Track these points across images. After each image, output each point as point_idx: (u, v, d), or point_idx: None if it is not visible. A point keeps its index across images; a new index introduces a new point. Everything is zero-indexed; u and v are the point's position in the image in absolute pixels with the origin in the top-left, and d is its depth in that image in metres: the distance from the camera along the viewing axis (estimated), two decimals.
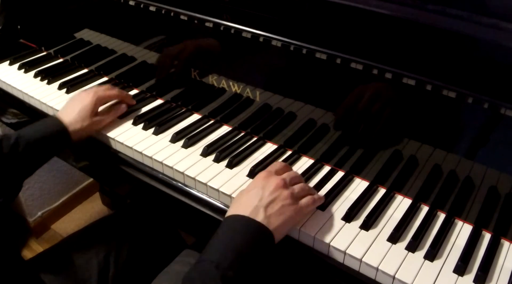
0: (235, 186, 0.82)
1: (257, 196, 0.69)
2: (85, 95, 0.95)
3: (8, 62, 1.23)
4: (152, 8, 0.97)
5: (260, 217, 0.67)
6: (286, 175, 0.75)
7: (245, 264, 0.63)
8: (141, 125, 0.98)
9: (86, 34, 1.17)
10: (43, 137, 0.86)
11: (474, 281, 0.67)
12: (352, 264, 0.70)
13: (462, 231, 0.75)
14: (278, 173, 0.76)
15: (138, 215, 1.03)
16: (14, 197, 0.86)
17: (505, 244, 0.73)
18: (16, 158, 0.83)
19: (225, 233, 0.66)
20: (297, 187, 0.74)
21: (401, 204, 0.80)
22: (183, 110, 1.03)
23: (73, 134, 0.89)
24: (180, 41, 0.98)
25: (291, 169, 0.80)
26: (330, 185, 0.83)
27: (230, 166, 0.86)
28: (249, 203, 0.69)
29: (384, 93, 0.76)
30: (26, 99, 1.11)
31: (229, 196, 0.80)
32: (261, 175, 0.74)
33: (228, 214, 0.70)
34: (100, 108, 0.97)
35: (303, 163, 0.89)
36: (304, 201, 0.73)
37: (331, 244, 0.71)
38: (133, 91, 1.11)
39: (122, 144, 0.93)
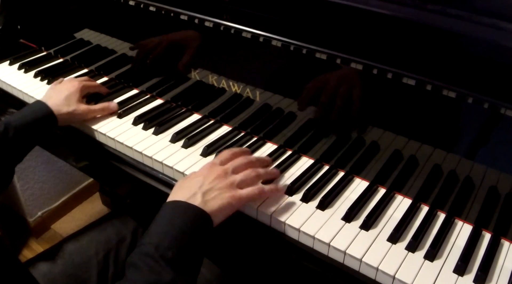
0: None
1: (197, 184, 0.72)
2: (71, 84, 1.00)
3: (8, 62, 1.23)
4: (152, 8, 0.97)
5: (197, 202, 0.69)
6: (229, 165, 0.77)
7: (184, 245, 0.64)
8: (141, 125, 0.98)
9: (86, 34, 1.17)
10: (31, 122, 0.89)
11: (474, 281, 0.67)
12: (352, 264, 0.70)
13: (462, 231, 0.75)
14: (223, 163, 0.78)
15: (138, 215, 1.03)
16: (7, 183, 0.89)
17: (505, 244, 0.73)
18: (7, 145, 0.86)
19: (163, 217, 0.68)
20: (239, 176, 0.75)
21: (401, 204, 0.80)
22: (183, 110, 1.03)
23: (59, 117, 0.93)
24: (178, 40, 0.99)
25: (244, 155, 0.82)
26: (330, 185, 0.83)
27: None
28: (189, 190, 0.71)
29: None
30: (26, 99, 1.11)
31: None
32: (206, 165, 0.78)
33: (168, 200, 0.71)
34: (95, 107, 1.01)
35: (303, 163, 0.89)
36: (246, 190, 0.74)
37: (331, 244, 0.71)
38: (133, 91, 1.11)
39: (122, 143, 0.93)
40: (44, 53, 1.28)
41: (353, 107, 0.81)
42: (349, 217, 0.76)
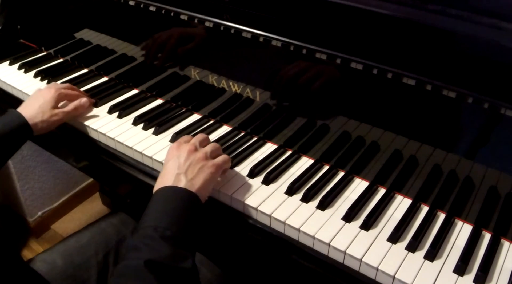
0: (235, 186, 0.82)
1: (175, 166, 0.75)
2: (47, 91, 0.98)
3: (8, 62, 1.23)
4: (152, 8, 0.97)
5: (183, 183, 0.73)
6: (194, 140, 0.81)
7: (180, 224, 0.68)
8: (141, 125, 0.98)
9: (86, 34, 1.17)
10: (6, 133, 0.89)
11: (474, 281, 0.67)
12: (352, 264, 0.70)
13: (462, 231, 0.75)
14: (187, 141, 0.82)
15: (138, 215, 1.03)
16: None
17: (505, 244, 0.73)
18: None
19: (156, 203, 0.71)
20: (208, 147, 0.80)
21: (401, 204, 0.80)
22: (183, 110, 1.03)
23: (34, 127, 0.92)
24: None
25: (199, 137, 0.85)
26: (330, 185, 0.83)
27: (231, 166, 0.86)
28: (170, 174, 0.74)
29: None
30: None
31: (229, 196, 0.80)
32: (172, 147, 0.80)
33: (155, 189, 0.74)
34: (61, 104, 1.00)
35: (303, 163, 0.89)
36: (219, 158, 0.79)
37: (331, 244, 0.71)
38: (133, 91, 1.11)
39: (122, 143, 0.93)
40: (44, 53, 1.28)
41: (351, 106, 0.81)
42: (349, 217, 0.76)
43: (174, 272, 0.64)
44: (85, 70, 1.20)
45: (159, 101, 1.07)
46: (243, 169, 0.86)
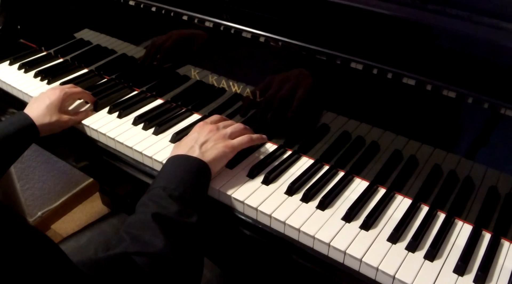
0: (235, 186, 0.82)
1: (193, 139, 0.82)
2: (53, 92, 0.98)
3: (8, 62, 1.23)
4: (152, 8, 0.97)
5: (196, 153, 0.79)
6: (220, 123, 0.88)
7: (188, 186, 0.73)
8: (141, 125, 0.98)
9: (86, 34, 1.17)
10: (12, 134, 0.88)
11: (474, 281, 0.67)
12: (352, 264, 0.70)
13: (462, 231, 0.75)
14: (213, 122, 0.88)
15: None
16: None
17: (505, 244, 0.73)
18: None
19: (168, 168, 0.77)
20: (229, 129, 0.86)
21: (401, 204, 0.80)
22: (183, 110, 1.03)
23: (41, 128, 0.92)
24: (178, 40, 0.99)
25: (227, 120, 0.92)
26: (330, 185, 0.83)
27: (230, 166, 0.86)
28: (186, 145, 0.81)
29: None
30: (26, 99, 1.11)
31: (230, 196, 0.80)
32: (198, 124, 0.88)
33: (168, 157, 0.80)
34: (70, 108, 1.01)
35: (303, 163, 0.89)
36: (238, 139, 0.85)
37: (331, 244, 0.71)
38: (133, 92, 1.11)
39: (122, 143, 0.93)
40: (44, 53, 1.28)
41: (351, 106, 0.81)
42: (349, 217, 0.76)
43: (179, 225, 0.68)
44: (85, 70, 1.20)
45: (159, 101, 1.07)
46: (243, 169, 0.86)
